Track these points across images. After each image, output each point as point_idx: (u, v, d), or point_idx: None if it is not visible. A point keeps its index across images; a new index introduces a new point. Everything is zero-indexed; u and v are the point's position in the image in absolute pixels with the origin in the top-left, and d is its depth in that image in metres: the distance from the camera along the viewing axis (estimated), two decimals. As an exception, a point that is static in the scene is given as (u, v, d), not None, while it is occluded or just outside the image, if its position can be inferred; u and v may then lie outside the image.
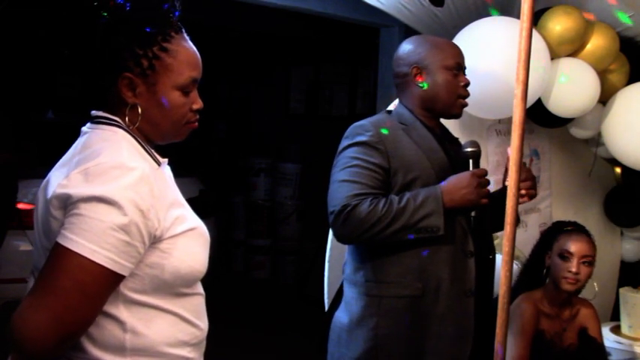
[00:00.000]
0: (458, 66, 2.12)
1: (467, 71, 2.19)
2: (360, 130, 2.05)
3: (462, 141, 2.26)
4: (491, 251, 2.19)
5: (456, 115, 2.17)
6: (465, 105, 2.16)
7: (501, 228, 1.86)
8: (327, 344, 2.16)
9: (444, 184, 1.99)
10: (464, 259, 2.05)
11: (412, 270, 2.00)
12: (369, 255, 2.04)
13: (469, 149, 2.07)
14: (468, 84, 2.14)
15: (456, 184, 1.98)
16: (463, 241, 2.05)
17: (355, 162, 2.00)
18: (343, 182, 1.99)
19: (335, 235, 2.03)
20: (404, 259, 2.00)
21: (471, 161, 2.05)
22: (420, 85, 2.11)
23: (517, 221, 1.99)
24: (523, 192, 2.09)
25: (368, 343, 2.01)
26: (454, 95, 2.11)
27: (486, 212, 2.09)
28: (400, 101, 2.20)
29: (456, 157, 2.11)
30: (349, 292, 2.10)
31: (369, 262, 2.04)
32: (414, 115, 2.12)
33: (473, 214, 2.04)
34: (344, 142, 2.07)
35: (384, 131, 2.04)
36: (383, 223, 1.92)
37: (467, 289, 2.04)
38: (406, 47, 2.16)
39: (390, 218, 1.92)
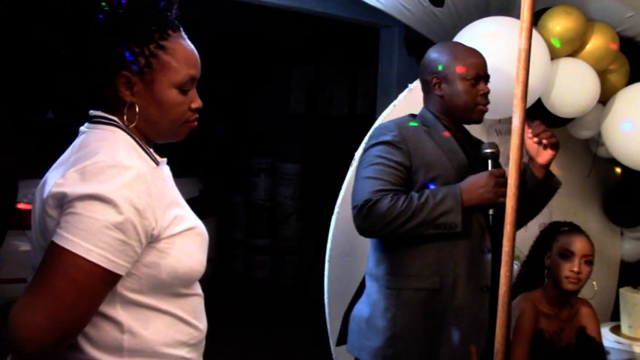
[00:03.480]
0: (477, 76, 2.18)
1: None
2: (384, 130, 2.15)
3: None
4: None
5: (477, 121, 2.25)
6: (485, 111, 2.22)
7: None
8: (348, 335, 2.25)
9: (463, 183, 2.08)
10: (481, 256, 2.12)
11: (430, 264, 2.08)
12: (390, 249, 2.13)
13: (488, 150, 2.15)
14: (487, 93, 2.20)
15: (475, 183, 2.07)
16: (480, 238, 2.13)
17: (379, 160, 2.09)
18: (367, 179, 2.08)
19: (357, 228, 2.10)
20: (423, 254, 2.08)
21: (490, 161, 2.13)
22: (439, 93, 2.20)
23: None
24: (545, 142, 2.19)
25: (387, 333, 2.09)
26: (471, 103, 2.18)
27: (504, 210, 2.13)
28: (425, 105, 2.29)
29: (475, 158, 2.19)
30: (370, 286, 2.19)
31: (389, 257, 2.13)
32: (437, 118, 2.21)
33: (491, 212, 2.11)
34: (369, 142, 2.17)
35: (413, 123, 2.14)
36: (403, 217, 2.00)
37: (483, 285, 2.11)
38: (431, 55, 2.25)
39: (409, 213, 2.01)
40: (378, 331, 2.11)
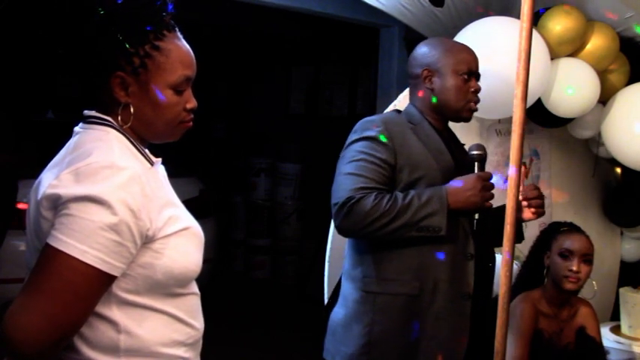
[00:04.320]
0: (469, 72, 2.11)
1: None
2: (369, 125, 2.05)
3: (464, 141, 2.26)
4: (492, 258, 2.19)
5: (465, 119, 2.16)
6: (475, 110, 2.15)
7: (501, 244, 1.89)
8: (325, 337, 2.16)
9: (449, 185, 1.99)
10: (463, 262, 2.04)
11: (411, 268, 2.00)
12: (369, 251, 2.04)
13: (475, 152, 2.07)
14: (478, 90, 2.13)
15: (462, 185, 1.98)
16: (464, 243, 2.04)
17: (362, 156, 1.99)
18: (349, 175, 1.98)
19: (336, 227, 2.01)
20: (404, 257, 2.00)
21: (476, 164, 2.05)
22: (430, 87, 2.11)
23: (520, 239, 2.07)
24: (533, 210, 2.11)
25: (362, 339, 2.01)
26: (463, 100, 2.10)
27: (489, 215, 2.09)
28: (411, 101, 2.20)
29: (461, 160, 2.12)
30: (347, 287, 2.10)
31: (368, 258, 2.04)
32: (423, 116, 2.13)
33: (476, 216, 2.04)
34: (352, 136, 2.07)
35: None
36: (386, 218, 1.91)
37: (464, 292, 2.04)
38: (422, 49, 2.17)
39: (393, 214, 1.91)
40: (354, 337, 2.02)
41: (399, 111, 2.20)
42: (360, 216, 1.92)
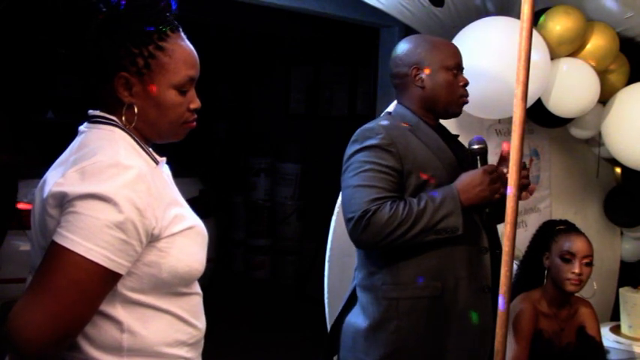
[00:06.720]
0: (457, 66, 2.12)
1: (467, 71, 2.18)
2: (370, 133, 2.02)
3: (463, 139, 2.26)
4: (499, 246, 2.19)
5: (456, 114, 2.17)
6: (465, 103, 2.16)
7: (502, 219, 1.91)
8: (339, 349, 2.14)
9: (458, 183, 1.99)
10: (479, 256, 2.06)
11: (430, 270, 1.99)
12: (385, 258, 2.02)
13: (476, 146, 2.08)
14: (467, 84, 2.14)
15: (470, 182, 1.98)
16: (478, 237, 2.06)
17: (369, 166, 1.97)
18: (359, 187, 1.96)
19: (355, 241, 1.99)
20: (421, 260, 1.99)
21: (478, 158, 2.06)
22: (420, 85, 2.10)
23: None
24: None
25: (389, 347, 1.99)
26: (455, 95, 2.11)
27: (498, 208, 2.10)
28: (400, 102, 2.18)
29: (460, 153, 2.12)
30: (365, 298, 2.07)
31: (385, 265, 2.02)
32: (416, 115, 2.11)
33: (487, 210, 2.06)
34: (354, 147, 2.03)
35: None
36: (404, 227, 1.91)
37: (484, 285, 2.05)
38: (405, 47, 2.15)
39: (410, 222, 1.91)
40: (378, 345, 1.99)
41: (389, 112, 2.20)
42: (379, 228, 1.90)
